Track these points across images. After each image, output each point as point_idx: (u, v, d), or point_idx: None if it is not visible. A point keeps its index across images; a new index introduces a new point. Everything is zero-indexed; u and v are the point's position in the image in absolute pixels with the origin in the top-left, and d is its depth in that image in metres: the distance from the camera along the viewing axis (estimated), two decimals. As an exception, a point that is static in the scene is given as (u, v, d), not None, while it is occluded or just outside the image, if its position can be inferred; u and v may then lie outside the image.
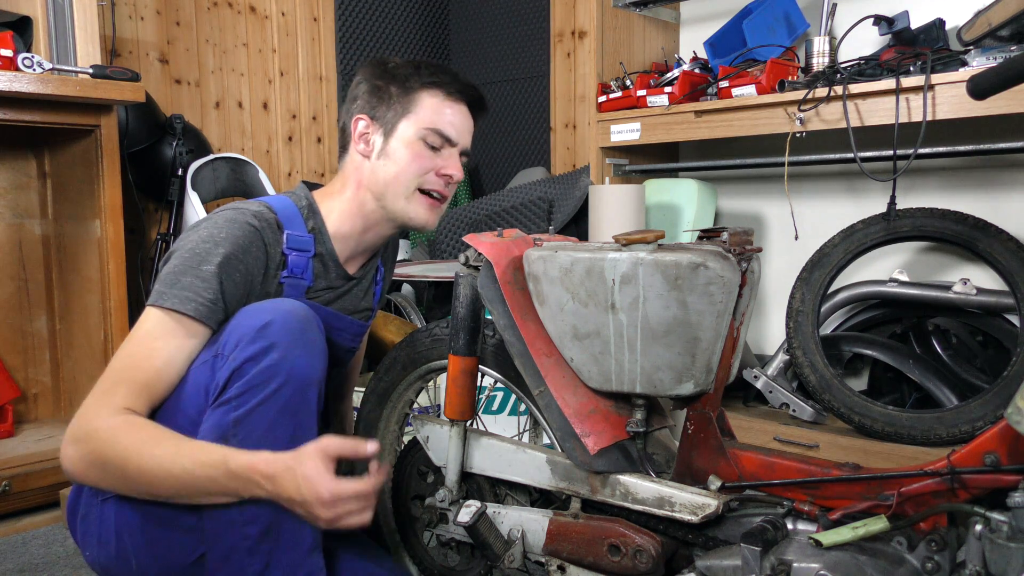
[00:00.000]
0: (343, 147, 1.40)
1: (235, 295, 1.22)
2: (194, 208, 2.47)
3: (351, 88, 1.40)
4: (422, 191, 1.34)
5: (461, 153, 1.37)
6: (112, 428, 1.11)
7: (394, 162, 1.32)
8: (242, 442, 1.11)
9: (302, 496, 1.07)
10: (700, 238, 1.19)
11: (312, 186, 1.42)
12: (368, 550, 1.42)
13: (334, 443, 1.10)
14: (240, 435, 1.11)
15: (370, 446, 1.13)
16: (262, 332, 1.12)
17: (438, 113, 1.33)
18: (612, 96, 2.43)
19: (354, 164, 1.36)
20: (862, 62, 2.03)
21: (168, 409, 1.18)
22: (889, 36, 2.08)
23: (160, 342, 1.17)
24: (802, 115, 2.03)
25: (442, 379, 1.43)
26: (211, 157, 2.61)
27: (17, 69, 1.88)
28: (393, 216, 1.36)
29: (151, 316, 1.19)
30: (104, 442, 1.10)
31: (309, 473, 1.07)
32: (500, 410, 2.16)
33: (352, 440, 1.12)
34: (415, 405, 1.54)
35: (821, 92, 1.98)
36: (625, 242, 1.12)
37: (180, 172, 2.52)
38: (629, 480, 1.16)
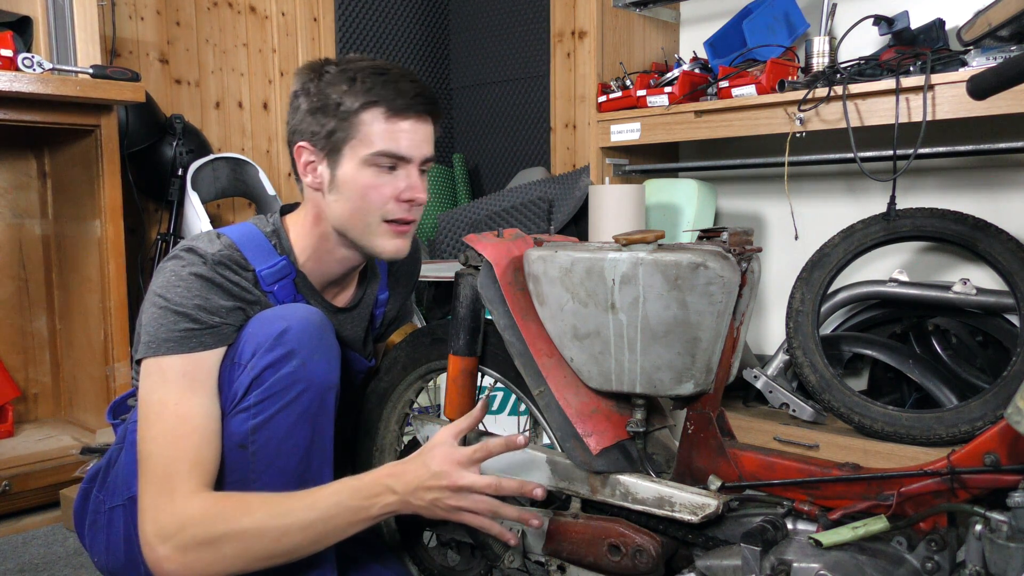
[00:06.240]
0: (295, 172, 1.25)
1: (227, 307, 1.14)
2: (194, 208, 2.47)
3: (290, 100, 1.23)
4: (387, 220, 1.22)
5: (423, 162, 1.22)
6: (205, 508, 1.04)
7: (347, 197, 1.19)
8: (260, 448, 1.10)
9: (432, 471, 1.05)
10: (700, 238, 1.19)
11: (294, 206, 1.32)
12: (377, 550, 1.42)
13: (453, 425, 1.11)
14: (259, 441, 1.10)
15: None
16: (280, 339, 1.10)
17: (385, 133, 1.17)
18: (612, 96, 2.43)
19: (310, 194, 1.24)
20: (862, 62, 2.03)
21: None
22: (889, 36, 2.08)
23: (185, 403, 1.08)
24: (802, 115, 2.02)
25: (442, 379, 1.43)
26: (211, 157, 2.61)
27: (17, 69, 1.88)
28: (360, 249, 1.25)
29: (158, 371, 1.09)
30: (205, 523, 1.04)
31: (439, 451, 1.07)
32: (500, 410, 2.16)
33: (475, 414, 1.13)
34: (415, 405, 1.53)
35: (821, 92, 1.98)
36: (625, 242, 1.12)
37: (180, 172, 2.53)
38: (629, 480, 1.16)
